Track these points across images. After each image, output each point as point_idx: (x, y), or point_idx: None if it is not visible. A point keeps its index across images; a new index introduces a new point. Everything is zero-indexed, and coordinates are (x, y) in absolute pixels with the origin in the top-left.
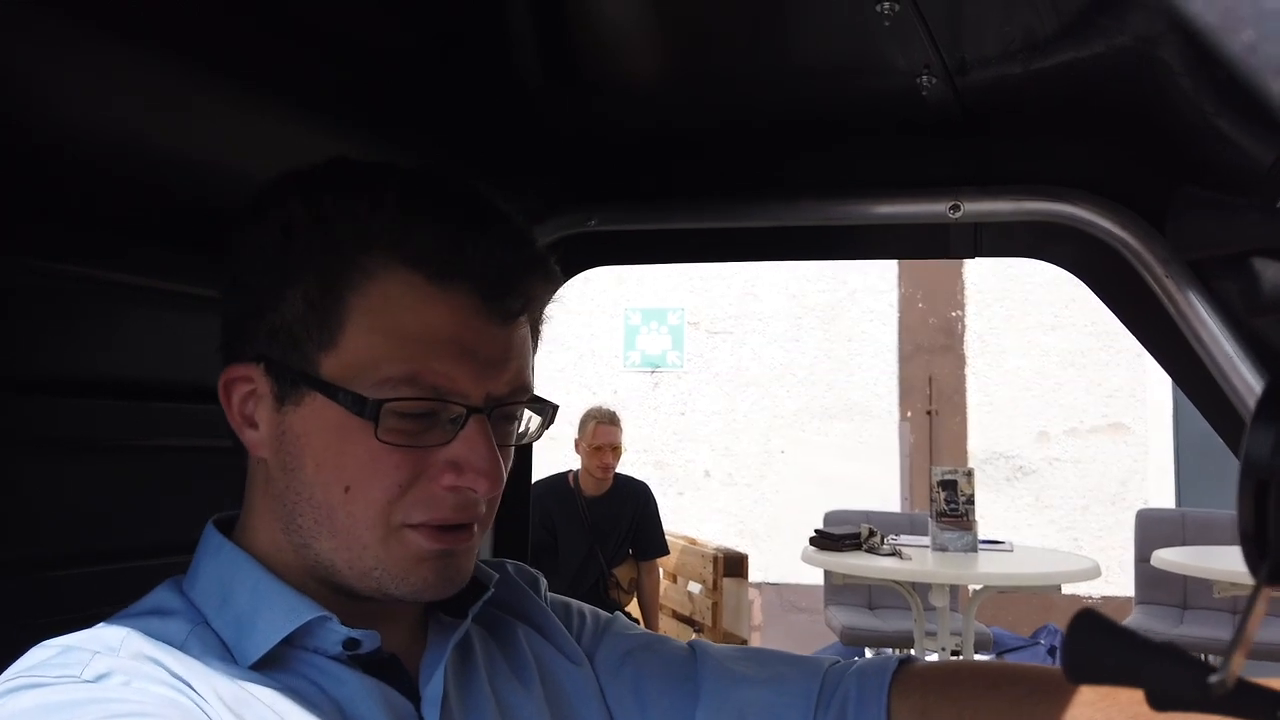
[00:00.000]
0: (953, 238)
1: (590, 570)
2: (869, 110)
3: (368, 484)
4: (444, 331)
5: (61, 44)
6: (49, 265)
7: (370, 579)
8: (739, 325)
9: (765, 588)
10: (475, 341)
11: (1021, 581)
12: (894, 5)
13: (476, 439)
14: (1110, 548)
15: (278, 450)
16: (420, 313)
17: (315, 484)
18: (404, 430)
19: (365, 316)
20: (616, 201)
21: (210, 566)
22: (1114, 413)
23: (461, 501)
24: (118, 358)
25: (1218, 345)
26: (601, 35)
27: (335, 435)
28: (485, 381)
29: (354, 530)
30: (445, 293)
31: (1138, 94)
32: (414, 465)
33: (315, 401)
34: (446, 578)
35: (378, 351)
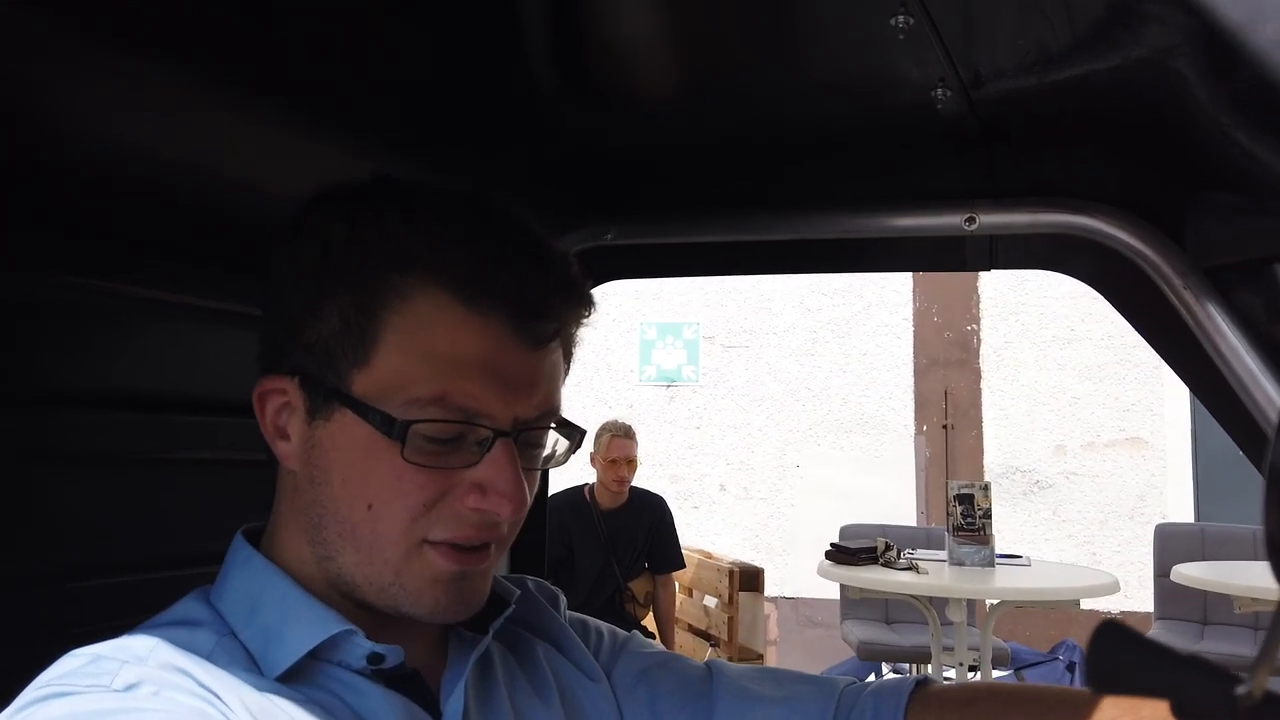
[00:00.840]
0: (969, 250)
1: (606, 584)
2: (884, 123)
3: (391, 502)
4: (475, 354)
5: (85, 60)
6: (72, 280)
7: (387, 595)
8: (754, 339)
9: (781, 602)
10: (505, 365)
11: (1039, 596)
12: (908, 19)
13: (502, 462)
14: (1129, 563)
15: (306, 463)
16: (453, 335)
17: (340, 499)
18: (431, 451)
19: (399, 336)
20: (633, 215)
21: (239, 577)
22: (1131, 426)
23: (484, 522)
24: (139, 371)
25: (1238, 358)
26: (618, 51)
27: (362, 452)
28: (514, 405)
29: (376, 546)
30: (479, 315)
31: (1154, 106)
32: (439, 485)
33: (345, 418)
34: (462, 600)
35: (409, 372)
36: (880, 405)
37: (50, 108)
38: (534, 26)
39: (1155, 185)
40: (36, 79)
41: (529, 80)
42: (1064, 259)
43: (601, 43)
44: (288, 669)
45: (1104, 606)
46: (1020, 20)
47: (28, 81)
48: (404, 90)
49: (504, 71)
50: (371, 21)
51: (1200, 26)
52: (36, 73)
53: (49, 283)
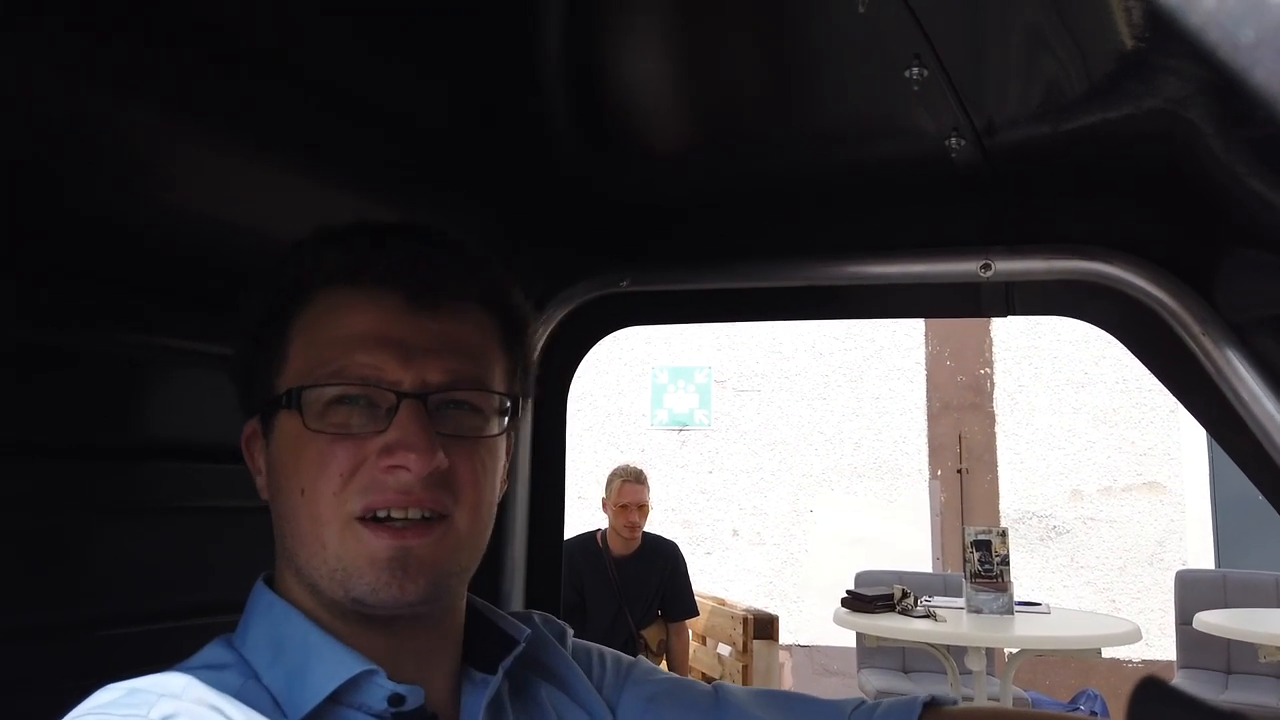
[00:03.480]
0: (984, 296)
1: (619, 632)
2: (899, 172)
3: (315, 480)
4: (367, 327)
5: (122, 123)
6: (105, 332)
7: (336, 582)
8: (766, 384)
9: (796, 650)
10: (401, 333)
11: (1059, 645)
12: (922, 71)
13: (406, 421)
14: (1149, 610)
15: (270, 484)
16: (344, 316)
17: (285, 499)
18: (340, 423)
19: (302, 334)
20: (648, 263)
21: (262, 622)
22: (1148, 471)
23: (399, 484)
24: (171, 421)
25: (1258, 404)
26: (635, 103)
27: (291, 444)
28: (417, 369)
29: (315, 531)
30: (363, 293)
31: (1168, 154)
32: (354, 456)
33: (279, 422)
34: (405, 579)
35: (312, 359)
36: (894, 450)
37: (90, 167)
38: (552, 79)
39: (1171, 232)
40: (70, 140)
41: (546, 132)
42: (1081, 305)
43: (619, 95)
44: (310, 712)
45: (1125, 655)
46: (1032, 71)
47: (52, 141)
48: (423, 142)
49: (522, 124)
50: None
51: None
52: (81, 136)
53: (84, 334)
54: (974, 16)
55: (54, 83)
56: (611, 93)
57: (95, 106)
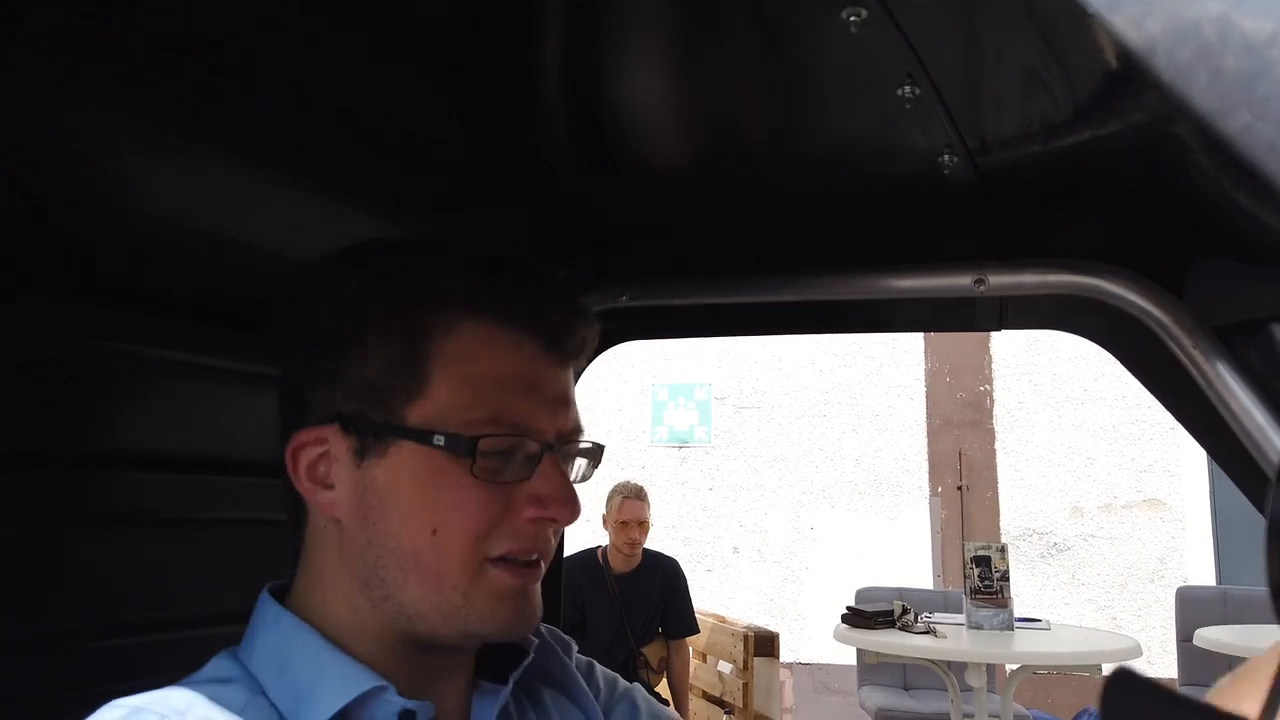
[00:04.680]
0: (978, 310)
1: (619, 649)
2: (893, 188)
3: (457, 523)
4: (516, 373)
5: (116, 134)
6: (97, 343)
7: (458, 619)
8: (766, 400)
9: (797, 668)
10: (542, 382)
11: (1060, 661)
12: (915, 89)
13: (553, 473)
14: (1150, 627)
15: (359, 506)
16: (495, 357)
17: (402, 532)
18: (490, 468)
19: (448, 366)
20: (648, 278)
21: (268, 636)
22: (1149, 488)
23: (540, 533)
24: (166, 433)
25: (1248, 414)
26: (634, 121)
27: (425, 480)
28: (555, 419)
29: (442, 571)
30: (513, 337)
31: (1157, 169)
32: (500, 502)
33: (403, 450)
34: (527, 614)
35: (463, 396)
36: (894, 466)
37: (72, 178)
38: (552, 98)
39: (1160, 245)
40: (58, 152)
41: (546, 150)
42: (1073, 319)
43: (618, 114)
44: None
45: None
46: (1023, 90)
47: (52, 154)
48: (424, 158)
49: (523, 140)
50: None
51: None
52: (58, 146)
53: (67, 346)
54: (965, 37)
55: (53, 99)
56: (611, 111)
57: (95, 122)
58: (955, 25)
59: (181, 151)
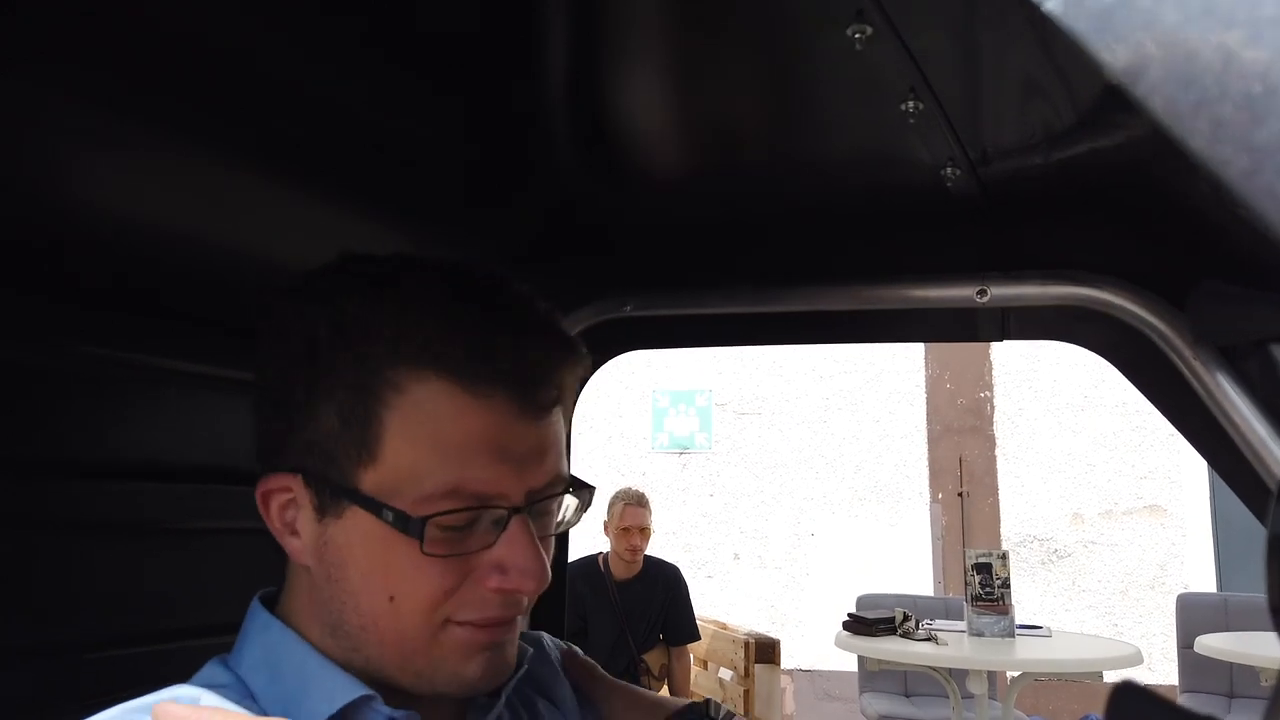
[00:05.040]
0: (980, 321)
1: (620, 656)
2: (896, 200)
3: (413, 593)
4: (481, 437)
5: (104, 135)
6: (84, 349)
7: (423, 679)
8: (766, 407)
9: (798, 674)
10: (513, 441)
11: (1061, 668)
12: (918, 104)
13: (520, 539)
14: (1151, 634)
15: (320, 559)
16: (457, 421)
17: (361, 594)
18: (447, 540)
19: (403, 428)
20: (651, 287)
21: (258, 643)
22: (1149, 494)
23: (507, 601)
24: (153, 440)
25: (1249, 426)
26: (637, 131)
27: (379, 547)
28: (524, 479)
29: (402, 636)
30: (481, 398)
31: (1158, 180)
32: (459, 571)
33: (356, 515)
34: (496, 669)
35: (419, 465)
36: (894, 473)
37: (69, 181)
38: (558, 106)
39: (1161, 257)
40: (54, 154)
41: (549, 158)
42: (1075, 330)
43: (623, 123)
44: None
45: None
46: (1024, 103)
47: (48, 156)
48: (425, 165)
49: (525, 149)
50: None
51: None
52: (54, 148)
53: (62, 352)
54: (967, 52)
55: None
56: (616, 121)
57: (94, 126)
58: (958, 41)
59: (180, 157)
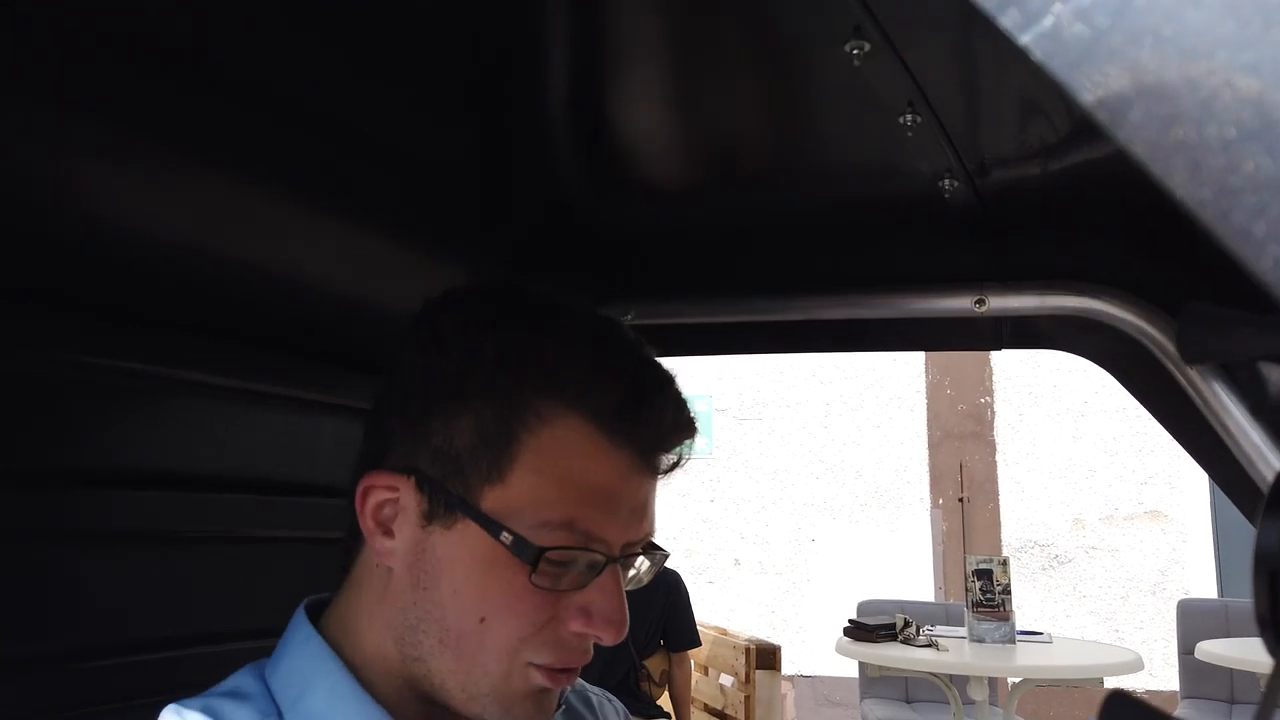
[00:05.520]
0: (979, 330)
1: (620, 662)
2: (894, 210)
3: (505, 619)
4: (605, 483)
5: (117, 152)
6: (100, 361)
7: (476, 703)
8: (767, 412)
9: (799, 681)
10: (628, 494)
11: (1062, 674)
12: (916, 117)
13: (610, 588)
14: (1152, 639)
15: (413, 565)
16: (587, 462)
17: (449, 608)
18: (550, 574)
19: (536, 457)
20: (653, 296)
21: (295, 656)
22: (1150, 500)
23: (583, 647)
24: (164, 450)
25: (1245, 435)
26: (639, 141)
27: (482, 566)
28: (627, 532)
29: (480, 658)
30: (615, 448)
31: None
32: (550, 607)
33: (468, 530)
34: (545, 709)
35: (542, 494)
36: (895, 478)
37: (89, 195)
38: (558, 118)
39: (1158, 268)
40: (65, 166)
41: (553, 169)
42: (1072, 339)
43: (626, 134)
44: None
45: (1128, 685)
46: (1021, 115)
47: (58, 169)
48: (427, 176)
49: (528, 160)
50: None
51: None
52: (65, 161)
53: (74, 363)
54: (963, 66)
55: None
56: (618, 132)
57: (101, 139)
58: (955, 55)
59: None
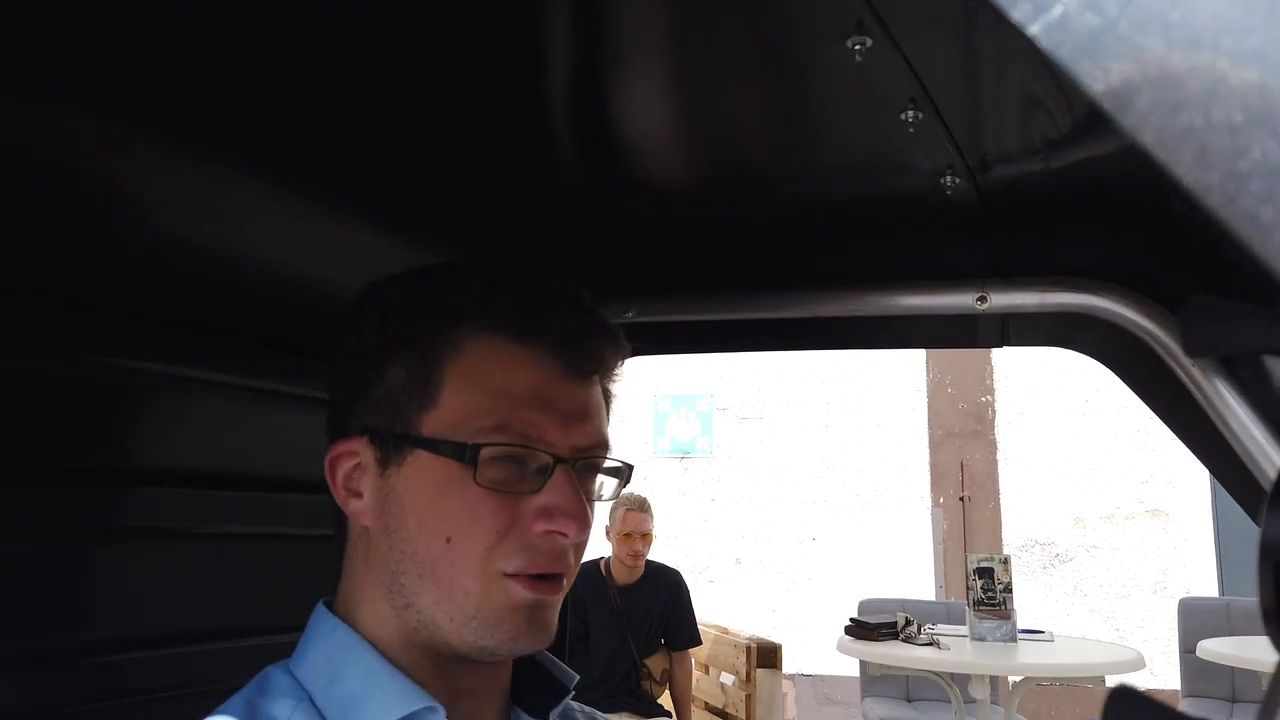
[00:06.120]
0: (980, 328)
1: (622, 661)
2: (896, 207)
3: (467, 532)
4: (528, 385)
5: (123, 151)
6: (114, 359)
7: (468, 629)
8: (768, 411)
9: (799, 679)
10: (556, 396)
11: (1063, 673)
12: (917, 113)
13: (564, 486)
14: (1153, 638)
15: (381, 513)
16: (507, 369)
17: (418, 538)
18: (498, 478)
19: (458, 378)
20: (653, 294)
21: (322, 647)
22: (1151, 499)
23: (554, 549)
24: (182, 448)
25: (1247, 432)
26: (638, 137)
27: (436, 488)
28: (568, 434)
29: (456, 579)
30: (527, 350)
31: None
32: (509, 513)
33: (417, 459)
34: (538, 627)
35: (471, 406)
36: (896, 477)
37: (95, 196)
38: (558, 114)
39: (1160, 264)
40: (76, 167)
41: (552, 165)
42: (1075, 337)
43: (626, 130)
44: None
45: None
46: (1023, 111)
47: (69, 169)
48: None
49: (528, 157)
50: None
51: None
52: (77, 162)
53: (91, 362)
54: (966, 62)
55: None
56: (618, 129)
57: (110, 140)
58: (957, 51)
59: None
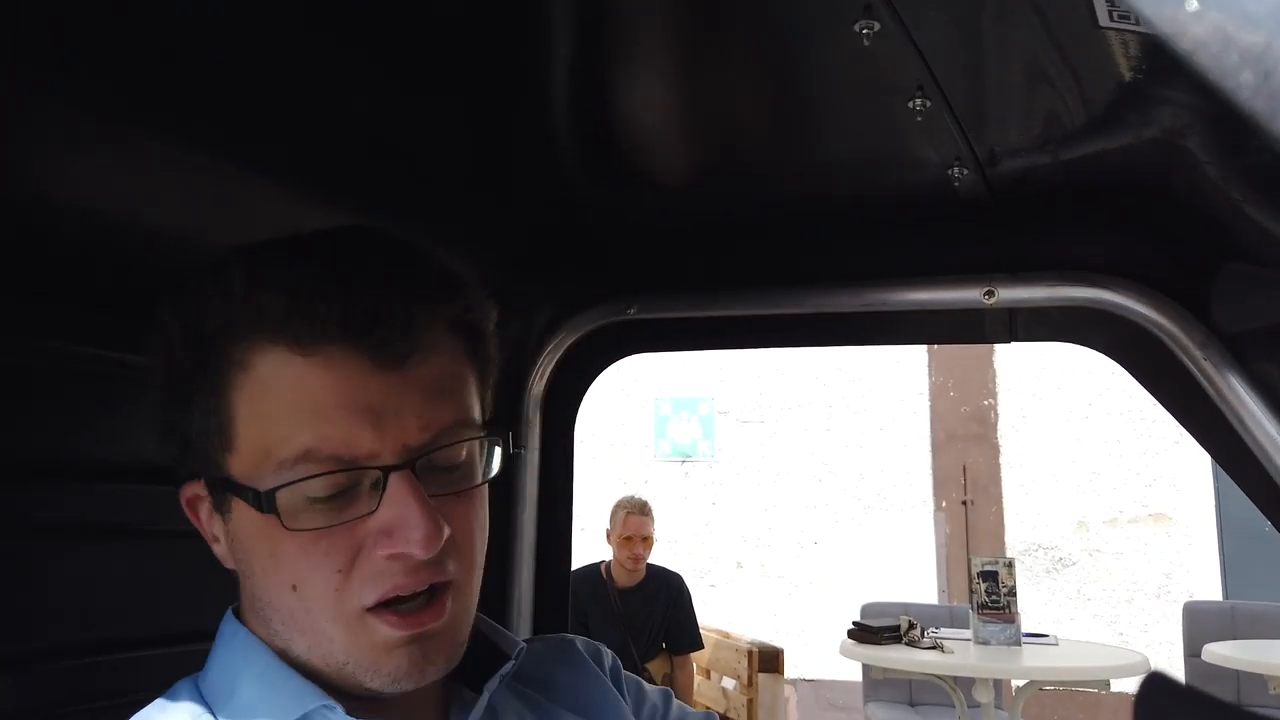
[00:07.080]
0: (988, 323)
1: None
2: (903, 200)
3: (308, 577)
4: (328, 397)
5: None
6: (64, 347)
7: (346, 674)
8: (769, 414)
9: (801, 684)
10: (368, 396)
11: (1068, 676)
12: (925, 102)
13: (399, 498)
14: (1157, 642)
15: (236, 561)
16: (298, 385)
17: (270, 589)
18: (321, 511)
19: (247, 406)
20: (655, 291)
21: (223, 655)
22: (1154, 502)
23: (407, 567)
24: (133, 442)
25: (1261, 428)
26: (641, 133)
27: (263, 536)
28: (394, 434)
29: (316, 625)
30: (315, 356)
31: (1166, 182)
32: (347, 544)
33: (239, 507)
34: (426, 662)
35: (267, 438)
36: (898, 481)
37: (85, 188)
38: (557, 109)
39: (1170, 258)
40: (51, 157)
41: (552, 162)
42: (1083, 331)
43: (628, 125)
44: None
45: (1134, 688)
46: (1032, 102)
47: (44, 160)
48: (427, 171)
49: (528, 154)
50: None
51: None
52: (53, 152)
53: (41, 351)
54: (975, 50)
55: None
56: (621, 124)
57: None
58: (966, 37)
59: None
